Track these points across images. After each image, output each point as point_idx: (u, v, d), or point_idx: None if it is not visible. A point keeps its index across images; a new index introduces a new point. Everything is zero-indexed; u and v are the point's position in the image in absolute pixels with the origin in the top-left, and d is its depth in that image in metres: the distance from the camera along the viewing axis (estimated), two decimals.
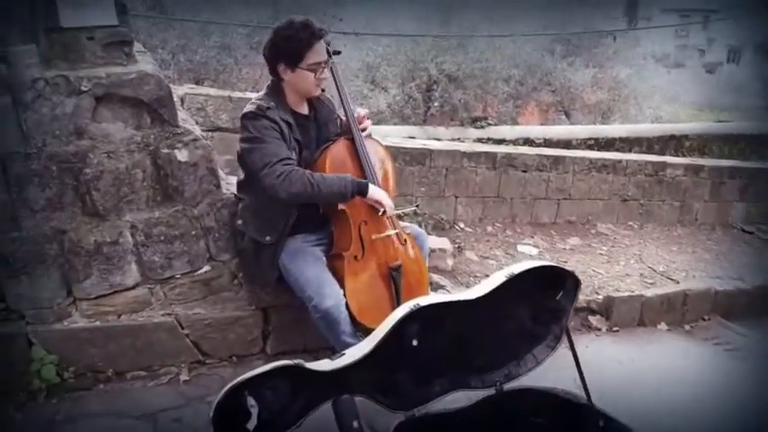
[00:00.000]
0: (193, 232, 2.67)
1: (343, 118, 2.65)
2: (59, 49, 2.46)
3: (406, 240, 2.65)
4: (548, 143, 6.69)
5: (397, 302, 2.48)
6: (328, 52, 2.53)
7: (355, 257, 2.49)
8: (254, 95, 2.69)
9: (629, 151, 6.96)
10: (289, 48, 2.42)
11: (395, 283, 2.54)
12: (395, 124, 7.61)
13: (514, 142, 6.52)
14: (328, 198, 2.41)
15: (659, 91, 11.52)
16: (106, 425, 2.31)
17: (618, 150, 6.85)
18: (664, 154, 7.07)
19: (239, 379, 1.68)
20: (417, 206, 3.53)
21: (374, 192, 2.44)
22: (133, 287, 2.59)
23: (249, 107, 2.46)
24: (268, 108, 2.42)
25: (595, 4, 10.66)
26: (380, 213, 2.48)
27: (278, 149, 2.36)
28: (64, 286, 2.49)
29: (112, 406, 2.40)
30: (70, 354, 2.45)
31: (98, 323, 2.52)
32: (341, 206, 2.46)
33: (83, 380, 2.47)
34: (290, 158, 2.37)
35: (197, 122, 3.80)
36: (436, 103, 8.18)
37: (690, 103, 17.13)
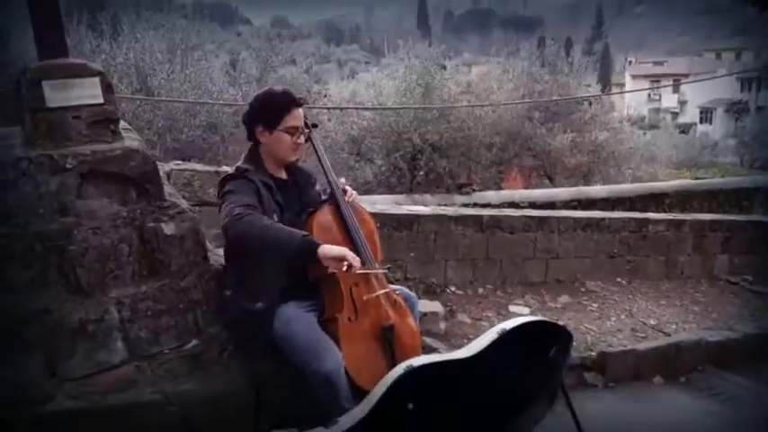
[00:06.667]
0: (181, 306, 2.62)
1: (326, 185, 2.69)
2: (44, 129, 2.48)
3: (395, 301, 2.62)
4: (532, 206, 6.80)
5: (392, 362, 2.42)
6: (306, 124, 2.62)
7: (349, 319, 2.46)
8: None
9: (612, 211, 7.07)
10: (267, 110, 2.52)
11: (389, 343, 2.49)
12: (381, 194, 7.70)
13: (499, 206, 6.61)
14: (274, 246, 2.27)
15: (637, 152, 11.82)
16: None
17: (601, 210, 6.95)
18: (645, 212, 7.18)
19: None
20: (389, 268, 3.49)
21: (328, 250, 2.28)
22: (119, 365, 2.51)
23: (229, 171, 2.53)
24: (246, 170, 2.48)
25: (568, 73, 11.07)
26: (345, 269, 2.32)
27: (246, 198, 2.36)
28: (47, 367, 2.41)
29: None
30: None
31: (84, 404, 2.42)
32: (331, 269, 2.42)
33: None
34: (254, 206, 2.35)
35: (183, 197, 3.83)
36: (421, 172, 8.31)
37: (667, 163, 17.56)
